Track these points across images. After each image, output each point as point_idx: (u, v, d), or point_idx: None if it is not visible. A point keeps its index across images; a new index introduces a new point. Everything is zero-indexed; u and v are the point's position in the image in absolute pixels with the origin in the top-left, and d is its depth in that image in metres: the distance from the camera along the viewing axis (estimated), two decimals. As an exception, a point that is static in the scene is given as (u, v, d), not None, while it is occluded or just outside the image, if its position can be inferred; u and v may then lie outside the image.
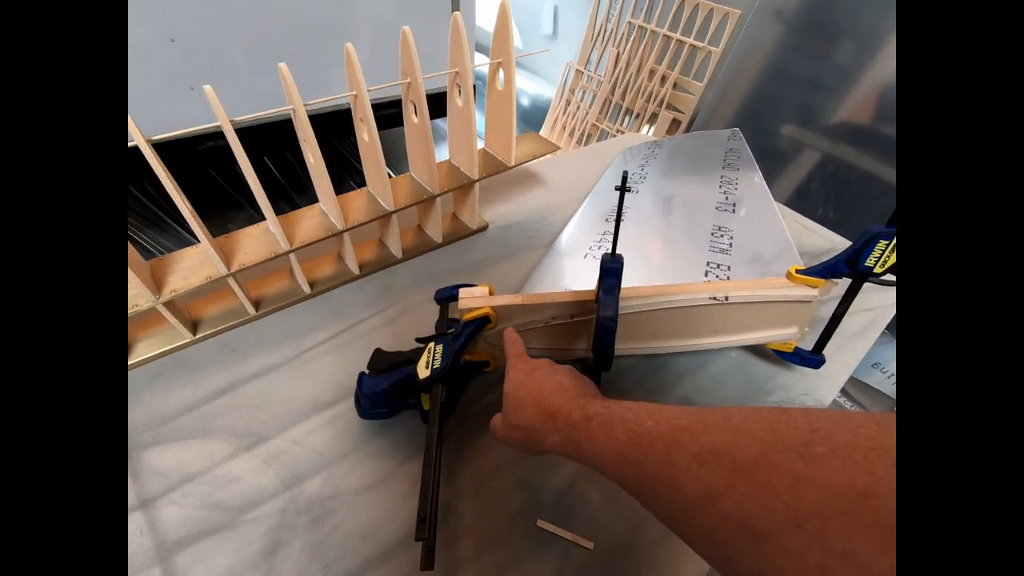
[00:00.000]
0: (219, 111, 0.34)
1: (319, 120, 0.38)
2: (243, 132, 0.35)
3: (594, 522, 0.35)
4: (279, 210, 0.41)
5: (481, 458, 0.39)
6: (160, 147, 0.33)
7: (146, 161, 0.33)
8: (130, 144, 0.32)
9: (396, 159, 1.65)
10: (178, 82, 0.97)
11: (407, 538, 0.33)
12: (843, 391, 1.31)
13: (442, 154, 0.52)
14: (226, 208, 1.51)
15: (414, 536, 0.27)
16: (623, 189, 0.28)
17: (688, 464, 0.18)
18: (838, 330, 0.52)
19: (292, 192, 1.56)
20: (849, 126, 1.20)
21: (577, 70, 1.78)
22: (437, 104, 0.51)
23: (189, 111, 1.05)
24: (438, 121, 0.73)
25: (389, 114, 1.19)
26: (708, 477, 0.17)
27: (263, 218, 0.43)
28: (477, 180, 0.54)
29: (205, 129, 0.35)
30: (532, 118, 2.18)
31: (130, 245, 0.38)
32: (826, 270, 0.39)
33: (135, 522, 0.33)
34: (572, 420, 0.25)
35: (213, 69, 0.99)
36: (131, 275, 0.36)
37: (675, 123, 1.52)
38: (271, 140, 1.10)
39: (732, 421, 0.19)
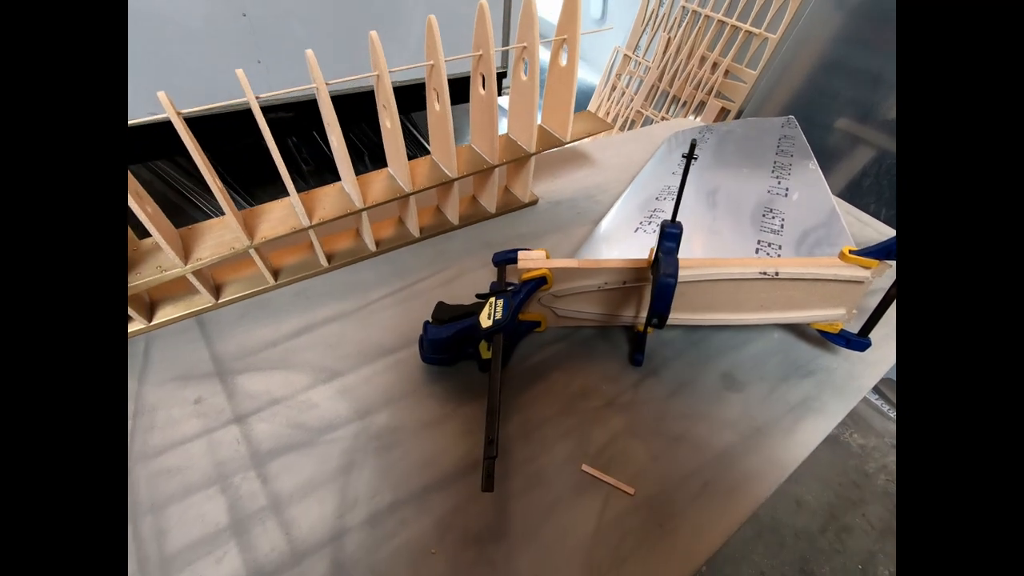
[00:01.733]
0: (317, 74, 0.37)
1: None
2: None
3: (635, 474, 0.38)
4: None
5: (529, 410, 0.42)
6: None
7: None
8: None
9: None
10: (248, 56, 1.03)
11: (464, 469, 0.37)
12: (881, 394, 1.28)
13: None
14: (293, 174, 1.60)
15: (484, 454, 0.30)
16: (690, 156, 0.30)
17: None
18: (887, 319, 0.52)
19: (368, 159, 1.66)
20: (911, 121, 1.15)
21: (625, 55, 1.76)
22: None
23: (256, 84, 1.11)
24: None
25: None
26: None
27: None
28: (534, 154, 0.56)
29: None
30: (575, 103, 2.17)
31: (228, 199, 0.42)
32: (881, 251, 0.39)
33: (232, 433, 0.38)
34: None
35: (280, 44, 1.04)
36: (232, 220, 0.41)
37: (723, 112, 1.48)
38: (351, 110, 1.13)
39: None
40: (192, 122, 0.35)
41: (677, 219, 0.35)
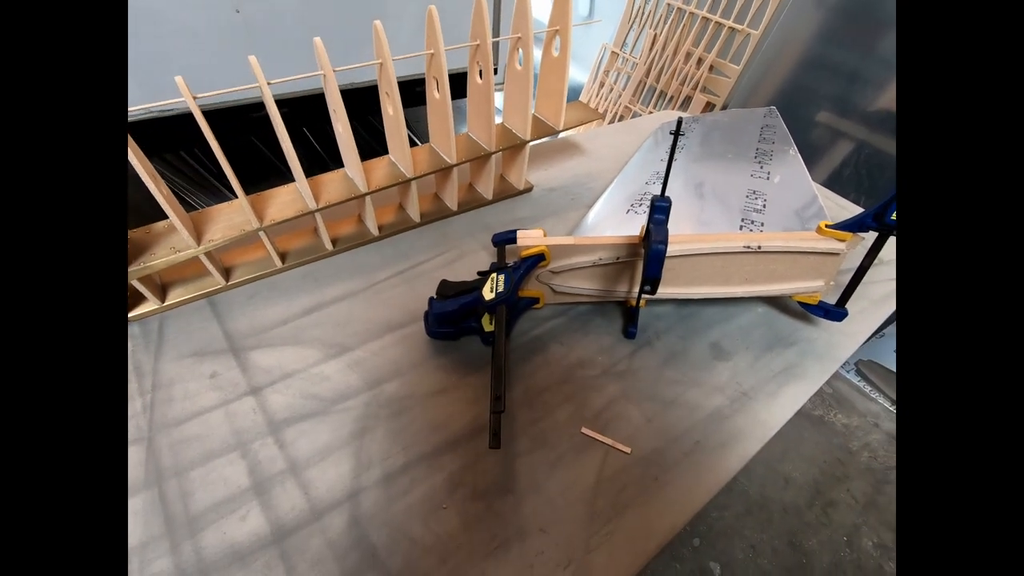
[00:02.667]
0: (325, 61, 0.39)
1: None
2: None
3: (631, 435, 0.40)
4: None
5: (531, 379, 0.44)
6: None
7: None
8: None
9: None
10: (241, 52, 1.03)
11: (471, 432, 0.39)
12: (863, 375, 1.33)
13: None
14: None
15: (491, 409, 0.33)
16: (677, 133, 0.33)
17: None
18: (863, 294, 0.55)
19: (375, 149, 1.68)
20: (887, 114, 1.20)
21: (612, 52, 1.79)
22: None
23: (250, 80, 1.11)
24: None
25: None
26: None
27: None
28: (528, 141, 0.59)
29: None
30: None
31: (239, 183, 0.44)
32: (854, 224, 0.42)
33: (248, 404, 0.39)
34: None
35: (273, 40, 1.05)
36: (243, 202, 0.42)
37: (709, 106, 1.52)
38: (357, 103, 1.14)
39: None
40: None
41: (666, 195, 0.38)
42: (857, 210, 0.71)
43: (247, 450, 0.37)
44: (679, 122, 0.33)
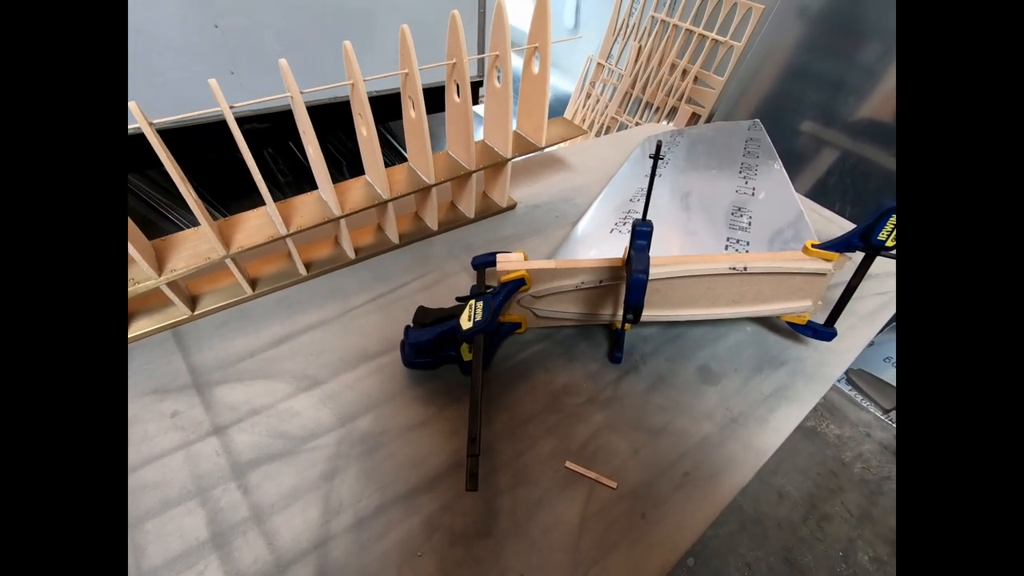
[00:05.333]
0: (292, 83, 0.37)
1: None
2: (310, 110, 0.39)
3: (617, 467, 0.38)
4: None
5: (514, 408, 0.42)
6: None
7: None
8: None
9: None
10: (220, 66, 1.02)
11: (450, 468, 0.37)
12: (855, 385, 1.33)
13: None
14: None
15: (467, 452, 0.31)
16: (656, 157, 0.32)
17: None
18: (852, 310, 0.54)
19: (346, 168, 1.67)
20: (870, 123, 1.21)
21: (598, 64, 1.80)
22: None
23: (229, 95, 1.10)
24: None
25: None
26: None
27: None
28: (510, 159, 0.57)
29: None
30: (551, 110, 2.20)
31: (203, 209, 0.42)
32: (840, 244, 0.41)
33: (211, 445, 0.37)
34: None
35: (251, 55, 1.03)
36: (207, 230, 0.40)
37: (695, 117, 1.53)
38: (327, 120, 1.12)
39: None
40: (165, 133, 0.34)
41: (648, 218, 0.37)
42: (843, 222, 0.71)
43: (207, 497, 0.34)
44: (658, 146, 0.31)
